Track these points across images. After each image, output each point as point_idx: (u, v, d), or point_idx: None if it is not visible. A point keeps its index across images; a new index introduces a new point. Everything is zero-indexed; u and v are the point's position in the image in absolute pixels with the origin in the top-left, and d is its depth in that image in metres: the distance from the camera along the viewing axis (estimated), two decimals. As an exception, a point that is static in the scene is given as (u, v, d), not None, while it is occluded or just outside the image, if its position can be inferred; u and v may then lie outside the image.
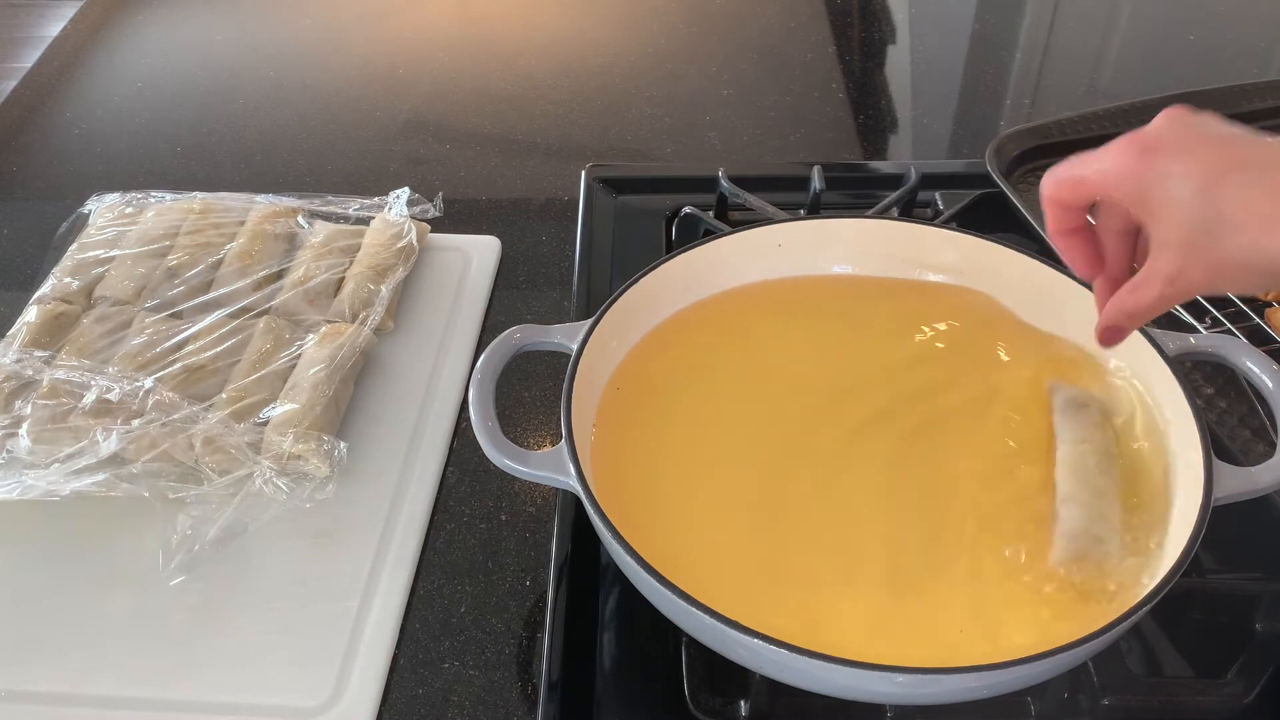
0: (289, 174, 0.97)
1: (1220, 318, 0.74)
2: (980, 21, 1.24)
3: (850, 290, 0.71)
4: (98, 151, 1.00)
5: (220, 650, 0.60)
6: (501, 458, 0.56)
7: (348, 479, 0.68)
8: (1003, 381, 0.64)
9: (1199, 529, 0.52)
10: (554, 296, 0.84)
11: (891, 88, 1.13)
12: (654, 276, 0.66)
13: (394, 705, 0.58)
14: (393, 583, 0.63)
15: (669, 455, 0.61)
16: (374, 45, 1.17)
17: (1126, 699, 0.56)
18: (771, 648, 0.47)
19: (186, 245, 0.80)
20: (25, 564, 0.64)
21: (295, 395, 0.69)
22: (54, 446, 0.66)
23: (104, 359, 0.71)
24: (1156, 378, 0.60)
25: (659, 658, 0.58)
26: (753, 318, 0.69)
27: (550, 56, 1.15)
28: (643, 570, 0.50)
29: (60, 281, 0.77)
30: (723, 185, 0.84)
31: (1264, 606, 0.60)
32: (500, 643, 0.61)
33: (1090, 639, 0.48)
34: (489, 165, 0.99)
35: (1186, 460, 0.56)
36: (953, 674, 0.47)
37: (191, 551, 0.64)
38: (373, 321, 0.76)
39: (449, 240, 0.87)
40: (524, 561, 0.65)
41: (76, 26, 1.19)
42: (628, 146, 1.01)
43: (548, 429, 0.74)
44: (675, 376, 0.65)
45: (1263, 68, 1.14)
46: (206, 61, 1.14)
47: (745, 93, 1.09)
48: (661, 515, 0.57)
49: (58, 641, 0.60)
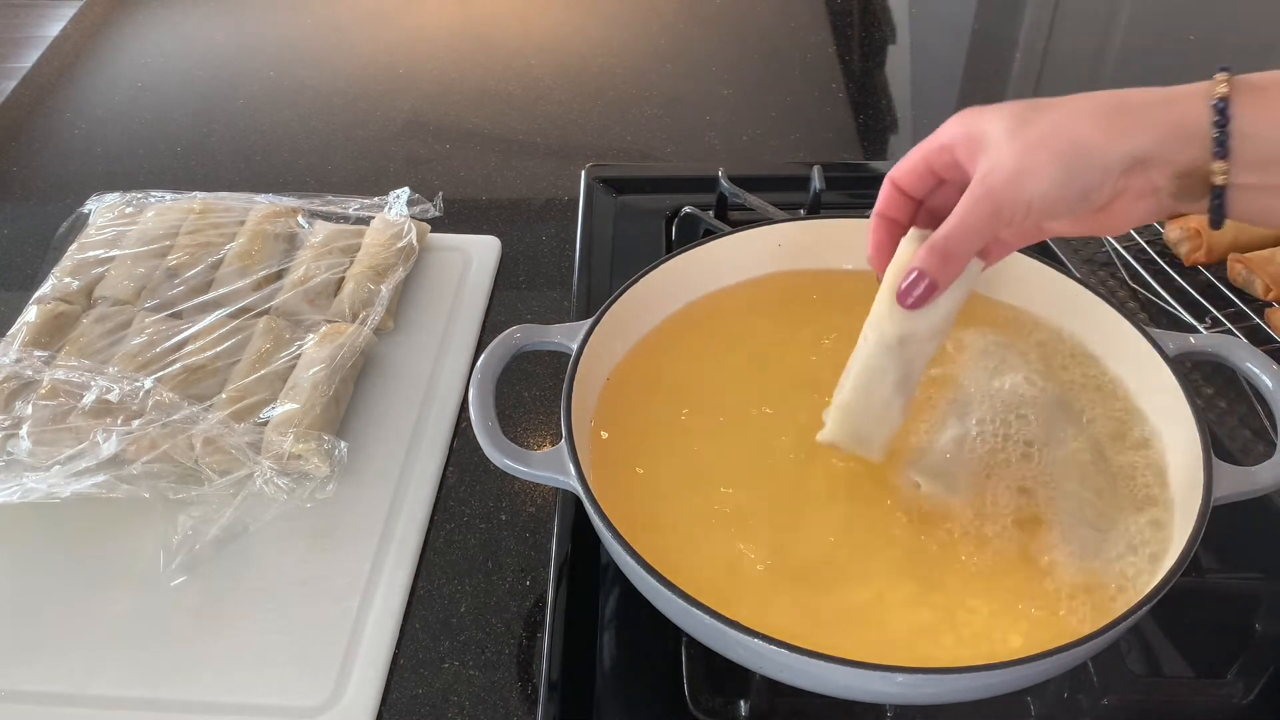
0: (289, 174, 0.97)
1: (1220, 318, 0.74)
2: (980, 21, 1.24)
3: (850, 289, 0.70)
4: (98, 151, 1.00)
5: (220, 650, 0.60)
6: (501, 458, 0.56)
7: (348, 479, 0.68)
8: (1003, 380, 0.64)
9: (1199, 529, 0.52)
10: (554, 296, 0.84)
11: (891, 88, 1.13)
12: (654, 276, 0.66)
13: (394, 705, 0.58)
14: (393, 583, 0.63)
15: (669, 454, 0.61)
16: (374, 45, 1.17)
17: (1126, 699, 0.56)
18: (771, 648, 0.47)
19: (186, 245, 0.80)
20: (26, 565, 0.64)
21: (295, 395, 0.69)
22: (54, 448, 0.66)
23: (104, 359, 0.71)
24: (1156, 378, 0.60)
25: (659, 658, 0.58)
26: (753, 317, 0.69)
27: (550, 56, 1.15)
28: (643, 570, 0.50)
29: (60, 281, 0.77)
30: (723, 185, 0.84)
31: (1264, 606, 0.60)
32: (500, 643, 0.61)
33: (1090, 639, 0.48)
34: (489, 165, 0.99)
35: (1186, 460, 0.56)
36: (953, 674, 0.47)
37: (192, 552, 0.64)
38: (373, 321, 0.76)
39: (449, 240, 0.87)
40: (524, 561, 0.65)
41: (76, 26, 1.19)
42: (628, 146, 1.01)
43: (548, 429, 0.74)
44: (675, 376, 0.65)
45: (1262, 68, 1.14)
46: (206, 61, 1.14)
47: (745, 93, 1.09)
48: (661, 515, 0.57)
49: (58, 642, 0.60)
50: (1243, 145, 0.42)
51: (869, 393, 0.55)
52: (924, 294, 0.50)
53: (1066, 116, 0.45)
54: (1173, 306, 0.76)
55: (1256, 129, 0.42)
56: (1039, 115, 0.46)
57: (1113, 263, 0.80)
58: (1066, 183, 0.45)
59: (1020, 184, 0.46)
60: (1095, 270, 0.79)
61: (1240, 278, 0.77)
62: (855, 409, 0.56)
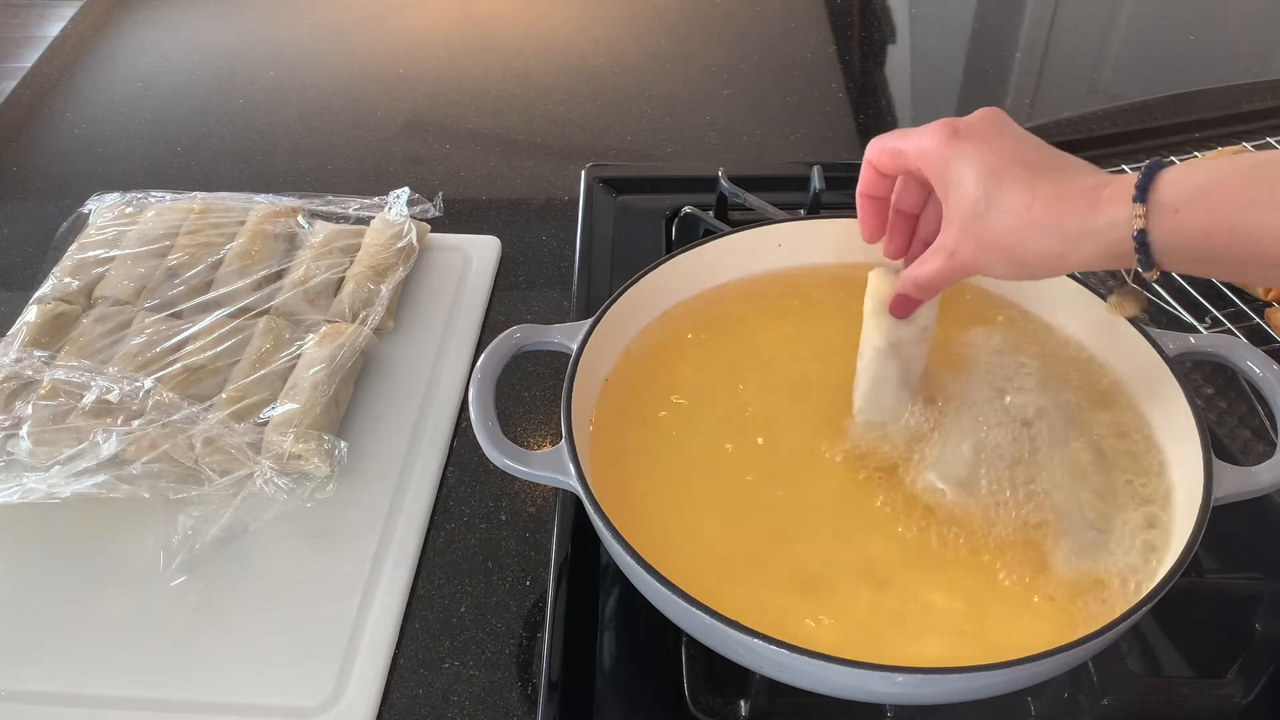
0: (289, 174, 0.97)
1: (1220, 318, 0.74)
2: (980, 21, 1.24)
3: (850, 289, 0.70)
4: (98, 151, 1.00)
5: (220, 650, 0.60)
6: (501, 458, 0.56)
7: (348, 479, 0.68)
8: (1004, 380, 0.64)
9: (1199, 529, 0.52)
10: (554, 296, 0.84)
11: (891, 88, 1.13)
12: (654, 276, 0.66)
13: (394, 705, 0.58)
14: (393, 583, 0.63)
15: (669, 455, 0.61)
16: (374, 45, 1.17)
17: (1126, 699, 0.56)
18: (771, 648, 0.47)
19: (186, 245, 0.80)
20: (26, 565, 0.64)
21: (295, 395, 0.69)
22: (54, 448, 0.66)
23: (104, 359, 0.71)
24: (1156, 378, 0.60)
25: (659, 658, 0.58)
26: (753, 317, 0.69)
27: (550, 56, 1.15)
28: (643, 570, 0.50)
29: (60, 281, 0.77)
30: (723, 185, 0.84)
31: (1264, 606, 0.60)
32: (500, 643, 0.61)
33: (1090, 639, 0.48)
34: (489, 165, 0.99)
35: (1186, 460, 0.56)
36: (953, 674, 0.47)
37: (192, 552, 0.64)
38: (373, 321, 0.76)
39: (449, 240, 0.87)
40: (524, 561, 0.65)
41: (76, 26, 1.19)
42: (628, 146, 1.01)
43: (548, 429, 0.74)
44: (676, 376, 0.65)
45: (1262, 68, 1.14)
46: (206, 61, 1.14)
47: (745, 93, 1.09)
48: (661, 515, 0.57)
49: (58, 642, 0.60)
50: (1164, 258, 0.47)
51: (878, 395, 0.61)
52: (908, 308, 0.58)
53: (1013, 232, 0.50)
54: (1173, 306, 0.76)
55: (1173, 247, 0.47)
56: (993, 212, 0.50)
57: (1113, 263, 0.80)
58: (1017, 277, 0.53)
59: (979, 269, 0.53)
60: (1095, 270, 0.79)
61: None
62: (870, 410, 0.61)
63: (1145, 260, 0.47)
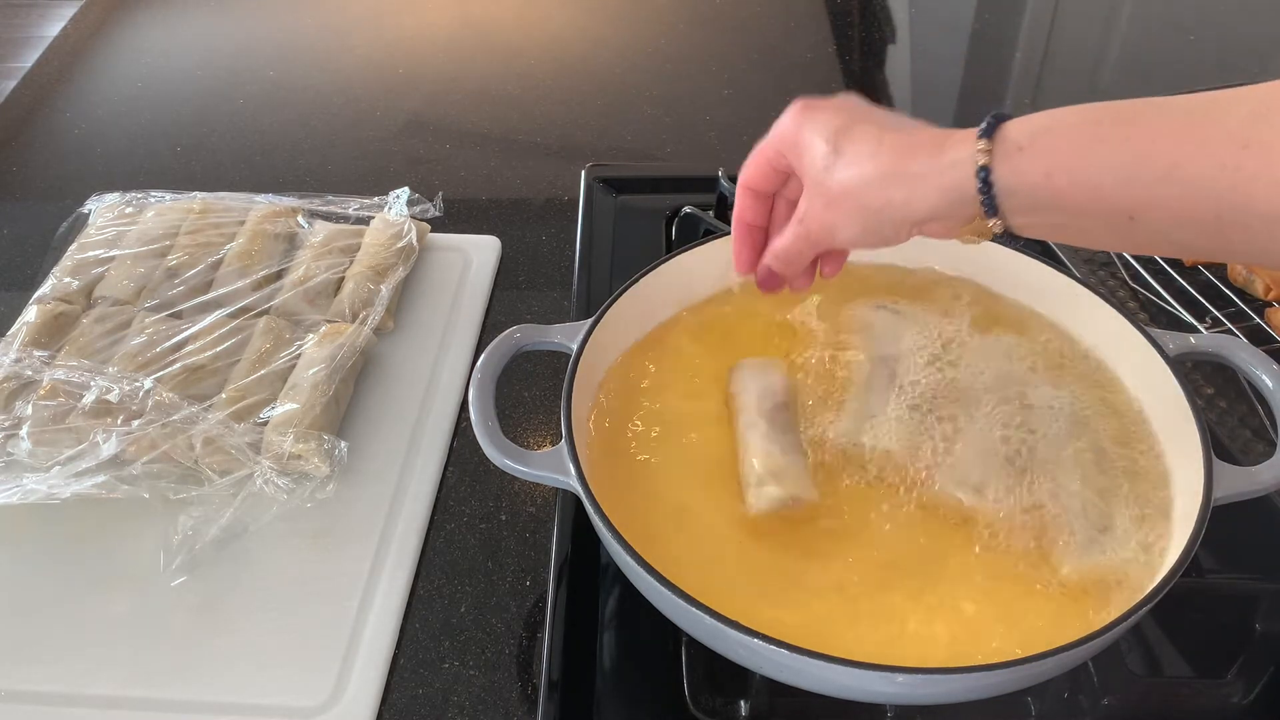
0: (289, 174, 0.97)
1: (1220, 318, 0.74)
2: (980, 21, 1.24)
3: (849, 287, 0.70)
4: (98, 151, 1.00)
5: (220, 650, 0.60)
6: (501, 458, 0.56)
7: (348, 479, 0.68)
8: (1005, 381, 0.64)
9: (1199, 529, 0.52)
10: (554, 296, 0.84)
11: (891, 88, 1.13)
12: (654, 276, 0.66)
13: (394, 705, 0.58)
14: (393, 583, 0.63)
15: (669, 455, 0.61)
16: (374, 45, 1.17)
17: (1126, 699, 0.56)
18: (771, 648, 0.47)
19: (186, 245, 0.80)
20: (26, 565, 0.64)
21: (295, 395, 0.69)
22: (54, 448, 0.65)
23: (104, 359, 0.71)
24: (1157, 378, 0.60)
25: (659, 658, 0.58)
26: (754, 317, 0.69)
27: (550, 56, 1.15)
28: (643, 570, 0.50)
29: (60, 281, 0.77)
30: (723, 185, 0.84)
31: (1264, 606, 0.60)
32: (500, 643, 0.61)
33: (1090, 639, 0.48)
34: (489, 165, 0.99)
35: (1186, 460, 0.56)
36: (953, 674, 0.47)
37: (192, 552, 0.64)
38: (373, 321, 0.76)
39: (449, 240, 0.87)
40: (524, 561, 0.65)
41: (76, 26, 1.19)
42: (628, 146, 1.01)
43: (548, 429, 0.74)
44: (676, 375, 0.65)
45: (1263, 68, 1.14)
46: (206, 61, 1.14)
47: (745, 93, 1.09)
48: (661, 515, 0.57)
49: (59, 642, 0.60)
50: (1008, 201, 0.47)
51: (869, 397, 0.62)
52: (773, 283, 0.59)
53: (859, 178, 0.50)
54: (1173, 306, 0.76)
55: (1016, 187, 0.46)
56: (840, 162, 0.50)
57: (1113, 262, 0.80)
58: (866, 234, 0.51)
59: (829, 231, 0.52)
60: (1095, 270, 0.79)
61: (1240, 277, 0.77)
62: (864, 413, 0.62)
63: (989, 203, 0.46)
